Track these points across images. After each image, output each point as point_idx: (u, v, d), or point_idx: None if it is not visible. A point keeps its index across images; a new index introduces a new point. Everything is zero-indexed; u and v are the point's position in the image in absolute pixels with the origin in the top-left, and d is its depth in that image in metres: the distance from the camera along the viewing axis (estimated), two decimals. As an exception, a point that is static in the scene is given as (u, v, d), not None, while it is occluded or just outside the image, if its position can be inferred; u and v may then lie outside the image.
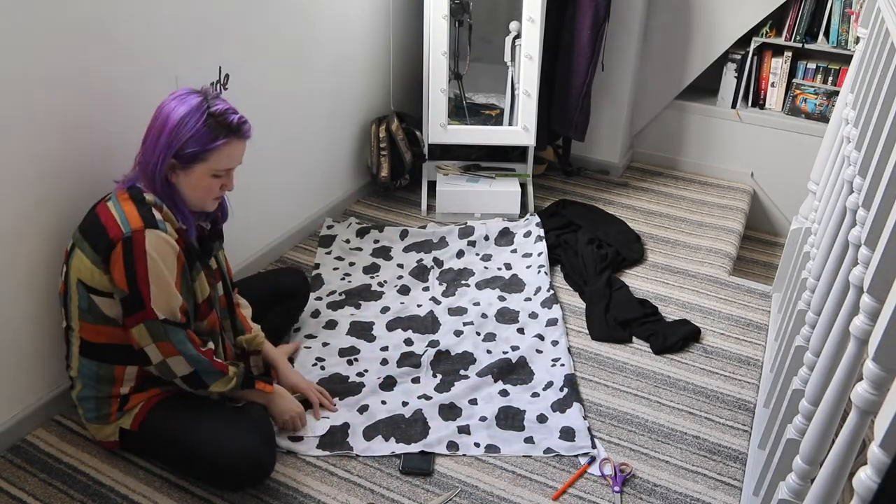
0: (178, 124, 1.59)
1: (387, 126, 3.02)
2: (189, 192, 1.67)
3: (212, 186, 1.68)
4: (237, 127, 1.65)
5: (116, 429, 1.75)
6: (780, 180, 3.44)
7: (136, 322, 1.60)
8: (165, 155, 1.60)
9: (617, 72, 3.34)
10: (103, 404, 1.73)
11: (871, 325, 1.14)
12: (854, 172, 1.50)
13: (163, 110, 1.62)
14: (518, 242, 2.80)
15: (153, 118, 1.64)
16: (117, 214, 1.59)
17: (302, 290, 2.28)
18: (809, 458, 1.35)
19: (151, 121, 1.64)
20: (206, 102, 1.62)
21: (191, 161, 1.61)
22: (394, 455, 1.86)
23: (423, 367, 2.14)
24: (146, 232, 1.58)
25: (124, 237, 1.56)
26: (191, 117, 1.59)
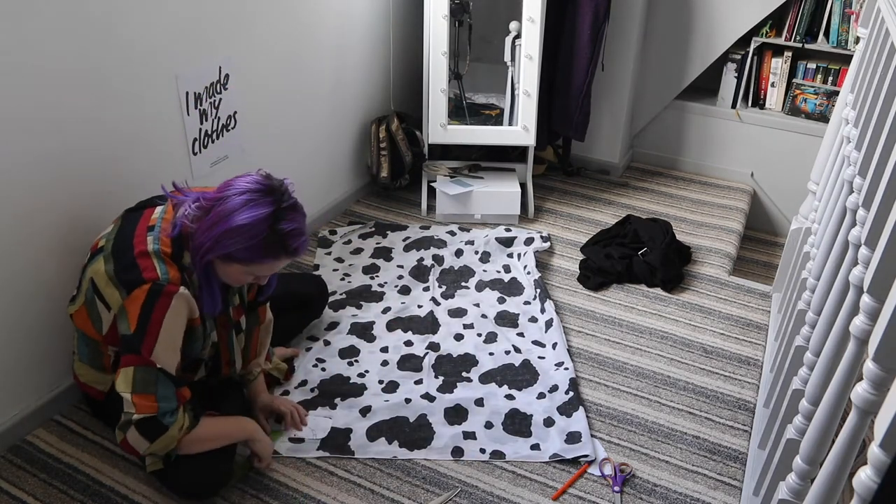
0: (237, 229, 1.51)
1: (387, 126, 3.02)
2: (221, 275, 1.63)
3: (244, 279, 1.65)
4: (294, 250, 1.58)
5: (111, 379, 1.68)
6: (780, 180, 3.44)
7: (128, 364, 1.53)
8: (213, 247, 1.54)
9: (617, 72, 3.34)
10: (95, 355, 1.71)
11: (871, 325, 1.14)
12: (854, 172, 1.50)
13: (231, 199, 1.53)
14: (517, 246, 2.80)
15: (220, 194, 1.55)
16: (156, 262, 1.54)
17: (320, 300, 2.28)
18: (809, 458, 1.35)
19: (218, 194, 1.56)
20: (274, 217, 1.53)
21: (233, 261, 1.56)
22: (396, 458, 1.86)
23: (424, 370, 2.14)
24: (179, 289, 1.53)
25: (157, 283, 1.51)
26: (253, 228, 1.52)
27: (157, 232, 1.58)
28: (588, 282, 2.63)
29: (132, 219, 1.65)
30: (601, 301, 2.55)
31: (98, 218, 1.90)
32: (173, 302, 1.53)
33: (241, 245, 1.53)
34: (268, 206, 1.53)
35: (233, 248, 1.53)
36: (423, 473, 1.82)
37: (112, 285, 1.55)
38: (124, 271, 1.54)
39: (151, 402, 1.52)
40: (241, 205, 1.52)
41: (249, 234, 1.52)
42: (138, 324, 1.51)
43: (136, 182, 2.00)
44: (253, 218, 1.51)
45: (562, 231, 2.99)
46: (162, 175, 2.08)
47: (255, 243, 1.53)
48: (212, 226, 1.53)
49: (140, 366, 1.52)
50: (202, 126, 2.18)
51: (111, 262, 1.57)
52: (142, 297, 1.51)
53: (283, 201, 1.55)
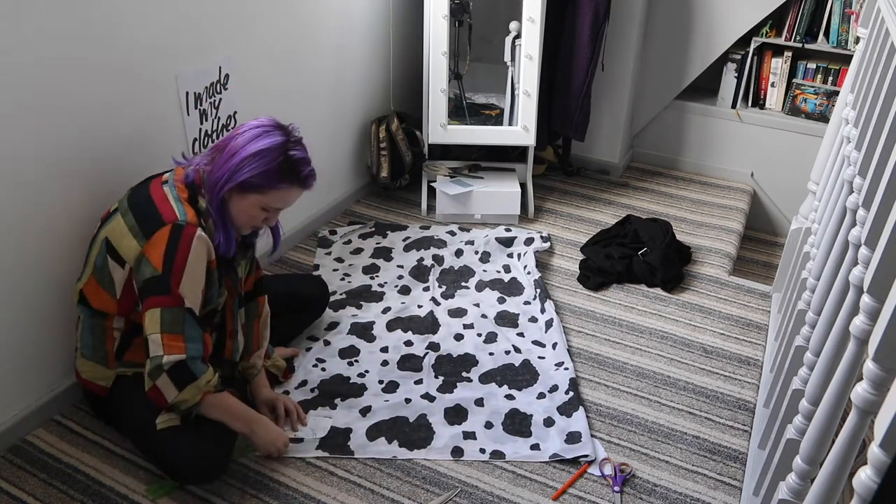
0: (253, 155, 1.62)
1: (387, 126, 3.02)
2: (235, 213, 1.70)
3: (256, 216, 1.71)
4: (304, 178, 1.69)
5: (112, 375, 1.74)
6: (780, 180, 3.44)
7: (155, 305, 1.57)
8: (231, 177, 1.63)
9: (617, 72, 3.34)
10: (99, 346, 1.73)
11: (871, 325, 1.14)
12: (854, 172, 1.50)
13: (244, 133, 1.65)
14: (517, 247, 2.80)
15: (234, 134, 1.67)
16: (175, 204, 1.62)
17: (320, 301, 2.29)
18: (809, 458, 1.35)
19: (231, 135, 1.68)
20: (288, 145, 1.65)
21: (249, 190, 1.65)
22: (395, 458, 1.86)
23: (424, 370, 2.14)
24: (198, 229, 1.61)
25: (177, 223, 1.59)
26: (269, 154, 1.63)
27: (172, 182, 1.67)
28: (588, 282, 2.63)
29: (140, 185, 1.72)
30: (601, 301, 2.55)
31: (97, 218, 1.90)
32: (194, 241, 1.59)
33: (258, 170, 1.62)
34: (280, 135, 1.66)
35: (250, 174, 1.62)
36: (423, 473, 1.82)
37: (130, 235, 1.61)
38: (144, 218, 1.61)
39: (180, 343, 1.58)
40: (255, 136, 1.64)
41: (266, 159, 1.62)
42: (164, 264, 1.57)
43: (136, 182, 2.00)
44: (268, 143, 1.63)
45: (562, 231, 2.99)
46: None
47: (272, 167, 1.63)
48: (229, 158, 1.63)
49: (168, 306, 1.58)
50: (202, 126, 2.18)
51: (129, 214, 1.63)
52: (165, 237, 1.58)
53: (290, 134, 1.68)
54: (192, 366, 1.60)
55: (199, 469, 1.69)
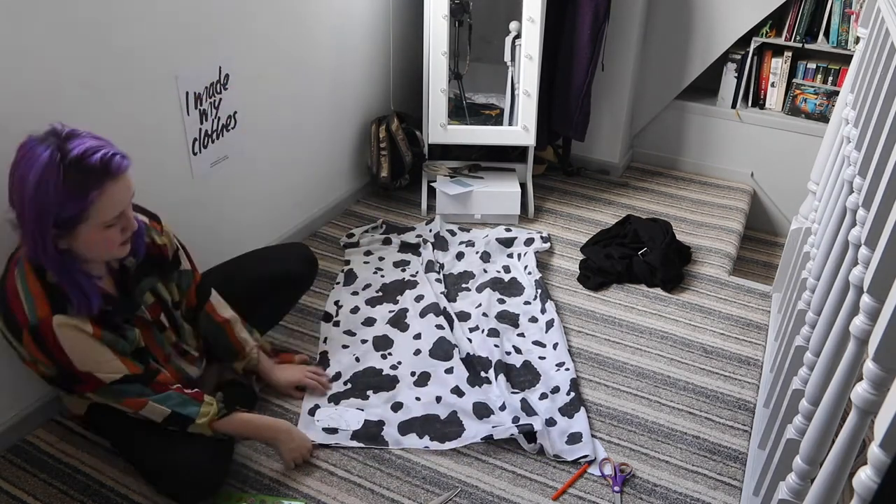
0: (36, 192, 1.33)
1: (387, 126, 3.02)
2: (87, 252, 1.46)
3: (110, 237, 1.46)
4: (106, 167, 1.38)
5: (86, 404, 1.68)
6: (780, 180, 3.44)
7: (87, 391, 1.55)
8: (41, 230, 1.36)
9: (617, 72, 3.34)
10: None
11: (871, 325, 1.14)
12: (854, 172, 1.50)
13: (15, 176, 1.37)
14: (517, 247, 2.80)
15: (9, 186, 1.39)
16: (25, 301, 1.43)
17: (304, 271, 2.15)
18: (809, 458, 1.35)
19: (8, 187, 1.40)
20: (57, 152, 1.34)
21: (71, 226, 1.39)
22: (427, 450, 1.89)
23: (454, 359, 2.16)
24: (53, 319, 1.42)
25: (31, 325, 1.42)
26: (48, 178, 1.33)
27: (21, 263, 1.46)
28: (588, 282, 2.63)
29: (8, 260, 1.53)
30: (601, 301, 2.55)
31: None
32: (57, 334, 1.44)
33: (53, 202, 1.34)
34: (45, 149, 1.35)
35: (52, 212, 1.35)
36: (423, 473, 1.82)
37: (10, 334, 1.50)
38: (7, 322, 1.47)
39: (138, 400, 1.58)
40: (25, 170, 1.35)
41: (49, 187, 1.33)
42: (55, 365, 1.49)
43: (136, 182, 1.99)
44: (40, 168, 1.33)
45: (562, 231, 2.99)
46: (162, 175, 2.08)
47: (63, 189, 1.34)
48: (21, 214, 1.37)
49: (96, 389, 1.55)
50: (202, 126, 2.18)
51: None
52: (31, 343, 1.45)
53: (59, 135, 1.38)
54: (183, 412, 1.61)
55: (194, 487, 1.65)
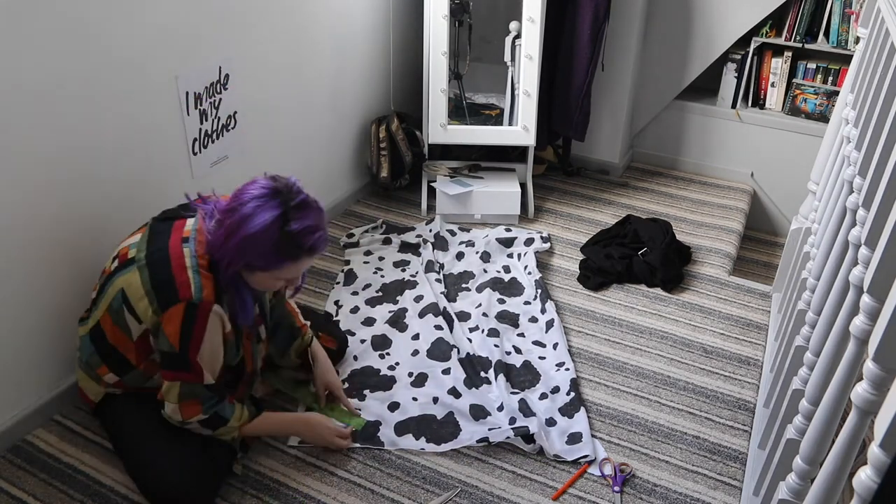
0: (248, 239, 1.51)
1: (387, 126, 3.02)
2: (252, 283, 1.64)
3: (275, 285, 1.66)
4: (310, 249, 1.56)
5: (102, 392, 1.75)
6: (780, 180, 3.44)
7: (175, 379, 1.59)
8: (232, 260, 1.55)
9: (617, 72, 3.34)
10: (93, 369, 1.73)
11: (871, 325, 1.14)
12: (854, 172, 1.50)
13: (240, 210, 1.52)
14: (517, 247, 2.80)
15: (230, 207, 1.55)
16: (192, 276, 1.54)
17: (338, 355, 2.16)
18: (809, 458, 1.35)
19: (227, 207, 1.56)
20: (284, 216, 1.51)
21: (255, 269, 1.58)
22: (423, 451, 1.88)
23: (452, 359, 2.16)
24: (213, 306, 1.55)
25: (191, 302, 1.53)
26: (264, 235, 1.50)
27: (193, 244, 1.59)
28: (588, 282, 2.63)
29: (162, 229, 1.64)
30: (601, 301, 2.55)
31: (97, 218, 1.91)
32: (209, 320, 1.55)
33: (256, 253, 1.52)
34: (275, 209, 1.51)
35: (250, 258, 1.54)
36: (423, 473, 1.82)
37: (146, 299, 1.56)
38: (160, 286, 1.55)
39: (196, 407, 1.63)
40: (249, 214, 1.51)
41: (261, 242, 1.51)
42: (181, 342, 1.55)
43: (136, 182, 2.00)
44: (262, 224, 1.50)
45: (562, 231, 2.99)
46: (162, 175, 2.08)
47: (269, 249, 1.52)
48: (226, 239, 1.54)
49: (188, 381, 1.60)
50: (202, 126, 2.18)
51: (146, 274, 1.57)
52: (179, 315, 1.53)
53: (290, 201, 1.53)
54: (222, 412, 1.66)
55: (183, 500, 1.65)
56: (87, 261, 1.90)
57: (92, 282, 1.91)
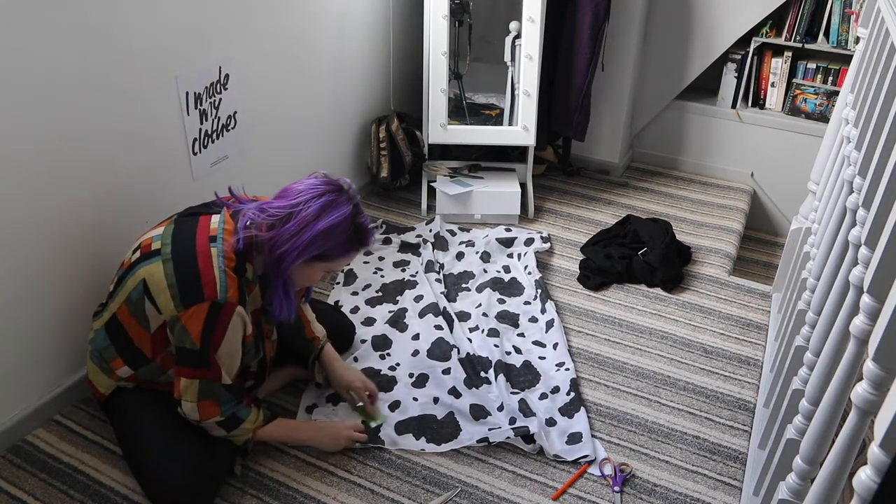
0: (326, 232, 1.59)
1: (387, 126, 3.02)
2: (298, 279, 1.70)
3: (318, 277, 1.73)
4: (367, 240, 1.69)
5: (112, 386, 1.75)
6: (780, 180, 3.44)
7: (194, 376, 1.59)
8: (302, 253, 1.60)
9: (617, 72, 3.34)
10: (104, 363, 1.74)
11: (871, 325, 1.14)
12: (854, 172, 1.50)
13: (311, 203, 1.60)
14: (517, 247, 2.80)
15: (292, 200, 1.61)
16: (218, 276, 1.56)
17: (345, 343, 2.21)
18: (809, 458, 1.35)
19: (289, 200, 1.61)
20: (354, 212, 1.64)
21: (317, 260, 1.64)
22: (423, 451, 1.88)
23: (453, 359, 2.16)
24: (237, 307, 1.58)
25: (216, 302, 1.55)
26: (341, 227, 1.61)
27: (220, 244, 1.60)
28: (588, 282, 2.63)
29: (188, 224, 1.65)
30: (601, 301, 2.55)
31: (97, 218, 1.91)
32: (232, 320, 1.58)
33: (330, 244, 1.61)
34: (346, 204, 1.63)
35: (322, 249, 1.61)
36: (423, 473, 1.82)
37: (168, 294, 1.57)
38: (185, 283, 1.56)
39: (215, 408, 1.63)
40: (323, 208, 1.60)
41: (337, 233, 1.61)
42: (202, 339, 1.56)
43: (136, 182, 2.00)
44: (339, 218, 1.61)
45: (562, 231, 2.99)
46: (162, 175, 2.08)
47: (343, 239, 1.63)
48: (297, 233, 1.59)
49: (206, 379, 1.60)
50: (202, 126, 2.18)
51: (170, 267, 1.58)
52: (203, 314, 1.55)
53: (354, 198, 1.66)
54: (238, 413, 1.68)
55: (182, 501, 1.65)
56: (87, 260, 1.90)
57: (92, 281, 1.91)
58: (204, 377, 1.60)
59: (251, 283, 1.65)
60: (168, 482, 1.63)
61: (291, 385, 2.08)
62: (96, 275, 1.92)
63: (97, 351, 1.74)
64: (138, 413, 1.73)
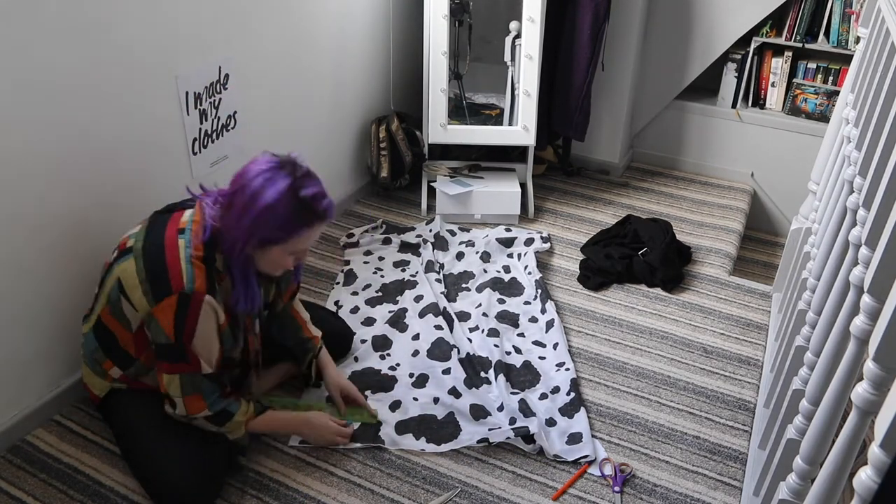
0: (265, 210, 1.53)
1: (387, 126, 3.02)
2: (262, 265, 1.66)
3: (285, 262, 1.66)
4: (323, 213, 1.60)
5: (107, 387, 1.75)
6: (780, 180, 3.44)
7: (173, 371, 1.60)
8: (248, 237, 1.56)
9: (617, 72, 3.34)
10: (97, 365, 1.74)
11: (871, 325, 1.14)
12: (854, 172, 1.50)
13: (249, 185, 1.54)
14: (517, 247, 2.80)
15: (236, 186, 1.57)
16: (185, 267, 1.55)
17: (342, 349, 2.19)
18: (810, 458, 1.35)
19: (233, 187, 1.58)
20: (295, 184, 1.55)
21: (270, 243, 1.59)
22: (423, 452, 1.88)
23: (453, 359, 2.16)
24: (205, 296, 1.56)
25: (183, 293, 1.54)
26: (279, 204, 1.53)
27: (189, 235, 1.59)
28: (588, 282, 2.63)
29: (161, 221, 1.65)
30: (601, 301, 2.55)
31: (97, 218, 1.91)
32: (202, 309, 1.56)
33: (273, 224, 1.54)
34: (285, 178, 1.55)
35: (267, 231, 1.55)
36: (423, 473, 1.82)
37: (140, 289, 1.57)
38: (154, 277, 1.56)
39: (201, 402, 1.63)
40: (260, 186, 1.53)
41: (278, 211, 1.53)
42: (175, 332, 1.56)
43: (136, 182, 2.00)
44: (277, 194, 1.53)
45: (562, 231, 2.99)
46: (162, 175, 2.08)
47: (286, 218, 1.55)
48: (240, 217, 1.55)
49: (187, 372, 1.60)
50: (202, 126, 2.18)
51: (140, 263, 1.58)
52: (173, 306, 1.54)
53: (297, 171, 1.58)
54: (229, 407, 1.68)
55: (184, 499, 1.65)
56: (86, 260, 1.90)
57: (92, 281, 1.91)
58: (184, 371, 1.59)
59: (221, 274, 1.62)
60: (170, 481, 1.63)
61: (286, 383, 2.08)
62: (96, 275, 1.92)
63: (88, 354, 1.74)
64: (134, 414, 1.73)
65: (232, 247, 1.58)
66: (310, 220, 1.59)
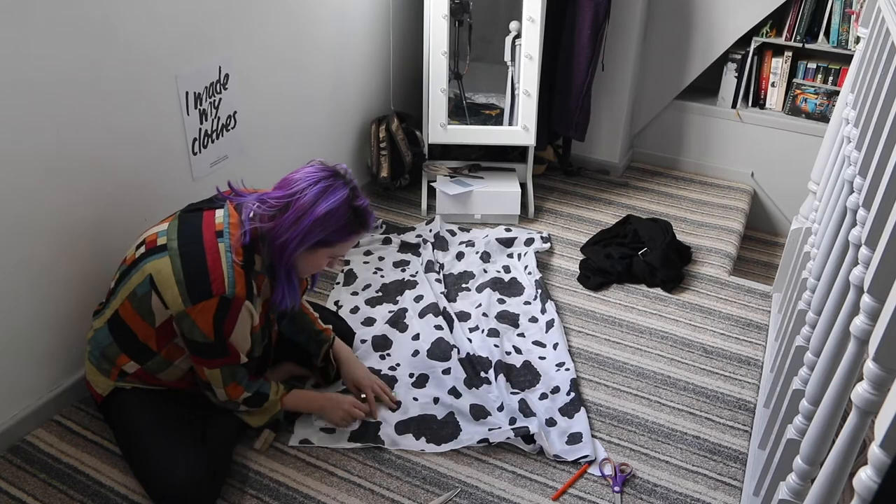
0: (324, 217, 1.61)
1: (387, 126, 3.02)
2: (304, 267, 1.73)
3: (323, 264, 1.75)
4: (369, 223, 1.71)
5: (111, 386, 1.76)
6: (780, 180, 3.44)
7: (214, 366, 1.67)
8: (302, 240, 1.63)
9: (617, 72, 3.34)
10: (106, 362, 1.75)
11: (871, 325, 1.14)
12: (854, 172, 1.50)
13: (307, 192, 1.61)
14: (517, 247, 2.80)
15: (290, 190, 1.63)
16: (227, 271, 1.60)
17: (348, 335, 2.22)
18: (810, 458, 1.35)
19: (286, 190, 1.64)
20: (353, 194, 1.65)
21: (319, 246, 1.66)
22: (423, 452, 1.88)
23: (453, 359, 2.16)
24: (244, 302, 1.62)
25: (224, 297, 1.59)
26: (338, 212, 1.62)
27: (227, 238, 1.63)
28: (588, 282, 2.63)
29: (192, 220, 1.67)
30: (601, 301, 2.55)
31: (97, 218, 1.91)
32: (241, 313, 1.63)
33: (330, 229, 1.63)
34: (343, 188, 1.64)
35: (322, 235, 1.63)
36: (423, 473, 1.82)
37: (177, 289, 1.59)
38: (194, 279, 1.59)
39: (239, 388, 1.74)
40: (320, 193, 1.62)
41: (336, 218, 1.63)
42: (215, 333, 1.62)
43: (136, 182, 2.00)
44: (336, 202, 1.62)
45: (562, 231, 2.99)
46: (162, 175, 2.08)
47: (343, 224, 1.64)
48: (296, 220, 1.62)
49: (228, 364, 1.69)
50: (202, 126, 2.18)
51: (177, 261, 1.60)
52: (212, 309, 1.59)
53: (351, 182, 1.68)
54: (261, 389, 1.79)
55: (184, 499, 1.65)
56: (86, 260, 1.90)
57: (92, 280, 1.91)
58: (225, 364, 1.68)
59: (260, 275, 1.68)
60: (170, 481, 1.63)
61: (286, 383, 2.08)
62: (96, 274, 1.92)
63: (98, 350, 1.74)
64: (137, 413, 1.73)
65: (283, 247, 1.64)
66: (358, 229, 1.69)
